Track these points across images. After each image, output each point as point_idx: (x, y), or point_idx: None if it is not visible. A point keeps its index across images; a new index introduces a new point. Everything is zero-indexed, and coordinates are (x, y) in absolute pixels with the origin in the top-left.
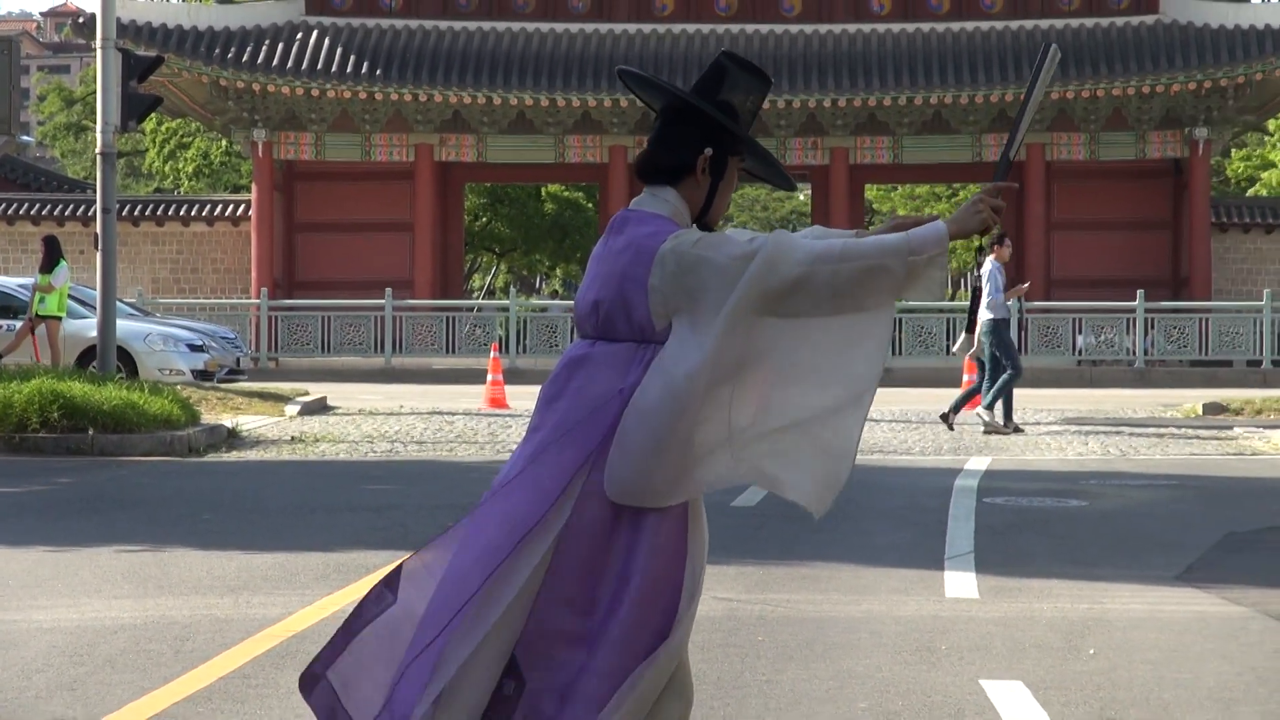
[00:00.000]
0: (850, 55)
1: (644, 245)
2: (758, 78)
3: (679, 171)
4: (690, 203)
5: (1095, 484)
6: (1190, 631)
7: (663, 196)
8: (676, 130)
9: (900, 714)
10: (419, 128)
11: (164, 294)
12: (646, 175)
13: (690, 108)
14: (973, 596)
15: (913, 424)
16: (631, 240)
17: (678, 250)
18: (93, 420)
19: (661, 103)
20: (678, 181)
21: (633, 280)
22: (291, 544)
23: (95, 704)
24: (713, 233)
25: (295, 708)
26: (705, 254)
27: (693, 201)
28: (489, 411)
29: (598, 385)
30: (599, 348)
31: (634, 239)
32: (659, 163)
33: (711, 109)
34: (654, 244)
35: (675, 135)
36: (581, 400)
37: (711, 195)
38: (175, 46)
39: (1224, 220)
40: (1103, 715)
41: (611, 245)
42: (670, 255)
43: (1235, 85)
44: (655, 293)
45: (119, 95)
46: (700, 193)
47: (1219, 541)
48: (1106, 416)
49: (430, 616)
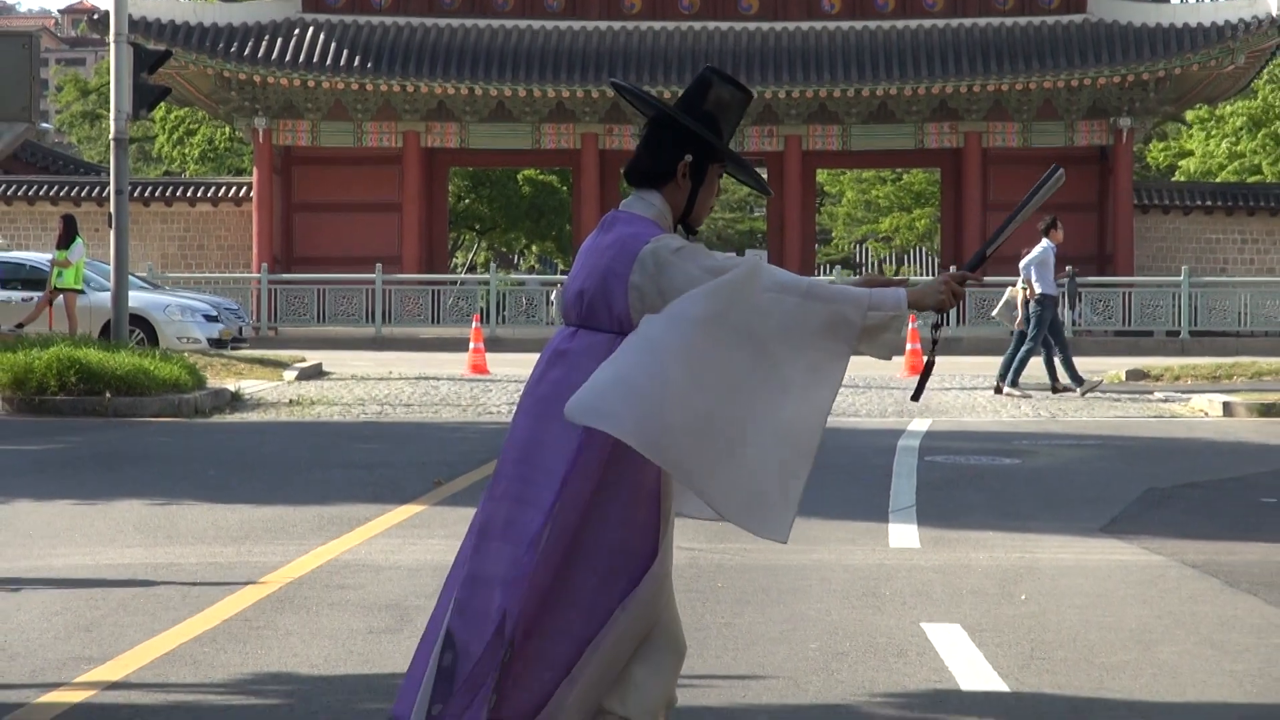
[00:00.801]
0: (803, 50)
1: (628, 244)
2: (740, 91)
3: (661, 176)
4: (673, 205)
5: (1027, 444)
6: (1113, 579)
7: (648, 199)
8: (660, 138)
9: (848, 654)
10: (407, 116)
11: (172, 269)
12: (633, 179)
13: (672, 118)
14: (914, 546)
15: (860, 389)
16: (618, 238)
17: (657, 253)
18: (107, 384)
19: (649, 113)
20: (661, 185)
21: (615, 275)
22: (289, 498)
23: (109, 644)
24: (694, 243)
25: (293, 647)
26: (682, 261)
27: (675, 204)
28: (471, 377)
29: (579, 375)
30: (580, 339)
31: (620, 237)
32: (643, 168)
33: (691, 121)
34: (637, 245)
35: (658, 143)
36: (558, 394)
37: (692, 199)
38: (183, 41)
39: (1145, 203)
40: (1033, 655)
41: (599, 242)
42: (650, 256)
43: (1156, 79)
44: (634, 289)
45: (130, 86)
46: (682, 196)
47: (1140, 496)
48: (1038, 382)
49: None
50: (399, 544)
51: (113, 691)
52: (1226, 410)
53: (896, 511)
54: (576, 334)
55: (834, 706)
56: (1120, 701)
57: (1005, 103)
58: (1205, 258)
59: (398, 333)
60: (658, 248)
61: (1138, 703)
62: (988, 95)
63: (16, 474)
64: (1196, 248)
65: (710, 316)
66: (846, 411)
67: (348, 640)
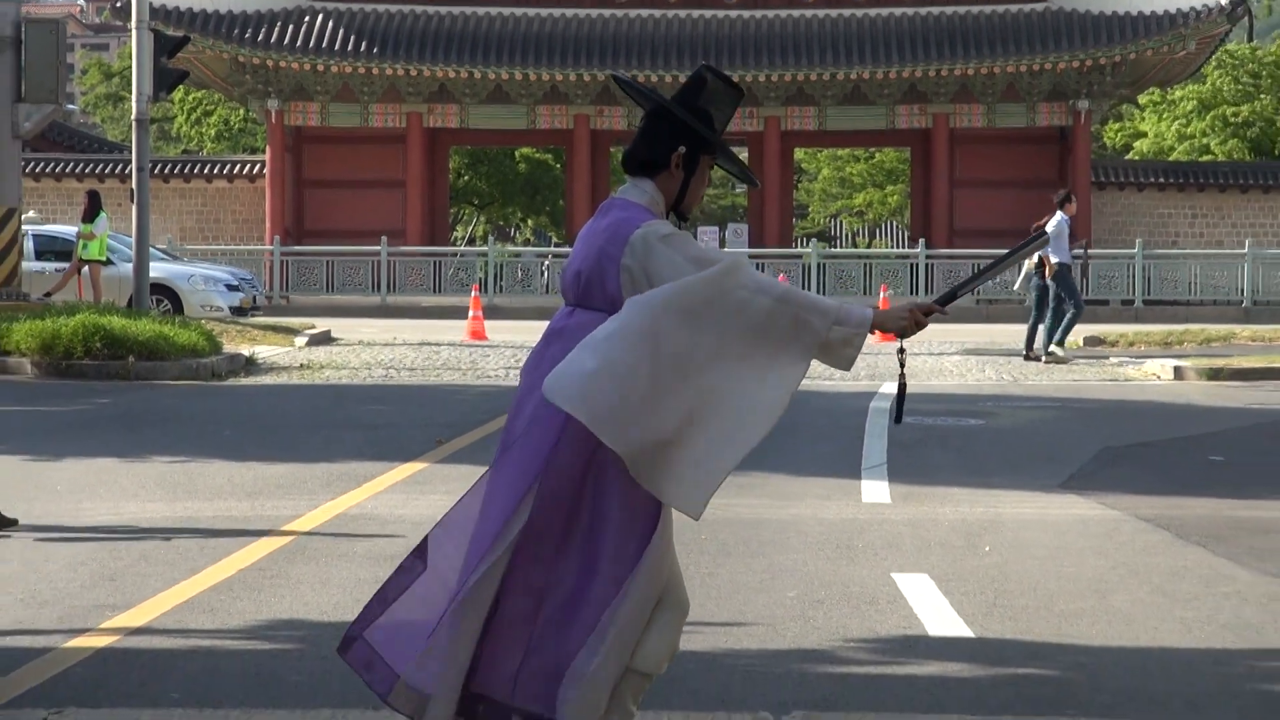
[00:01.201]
0: (782, 37)
1: (620, 229)
2: (732, 88)
3: (656, 165)
4: (666, 193)
5: (991, 405)
6: (1071, 532)
7: (642, 187)
8: (656, 129)
9: (824, 602)
10: (410, 98)
11: (190, 241)
12: (629, 167)
13: (669, 111)
14: (886, 502)
15: None
16: (611, 223)
17: (646, 238)
18: (130, 349)
19: (647, 106)
20: (655, 174)
21: (608, 257)
22: (301, 456)
23: (132, 592)
24: (681, 232)
25: (304, 596)
26: (668, 248)
27: (668, 192)
28: (470, 343)
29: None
30: (576, 317)
31: (614, 222)
32: (640, 157)
33: (686, 114)
34: (628, 229)
35: (655, 134)
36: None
37: (684, 187)
38: (200, 28)
39: (1102, 180)
40: (996, 603)
41: (596, 226)
42: (640, 241)
43: (1113, 64)
44: (625, 271)
45: (151, 70)
46: (674, 184)
47: (1096, 455)
48: (1001, 348)
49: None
50: (403, 499)
51: (135, 637)
52: (1177, 374)
53: (869, 469)
54: (574, 312)
55: (810, 651)
56: (1078, 646)
57: (971, 86)
58: (1158, 231)
59: (402, 301)
60: (647, 233)
61: (1094, 648)
62: (955, 79)
63: (45, 434)
64: (1150, 222)
65: (684, 307)
66: (822, 375)
67: (355, 589)
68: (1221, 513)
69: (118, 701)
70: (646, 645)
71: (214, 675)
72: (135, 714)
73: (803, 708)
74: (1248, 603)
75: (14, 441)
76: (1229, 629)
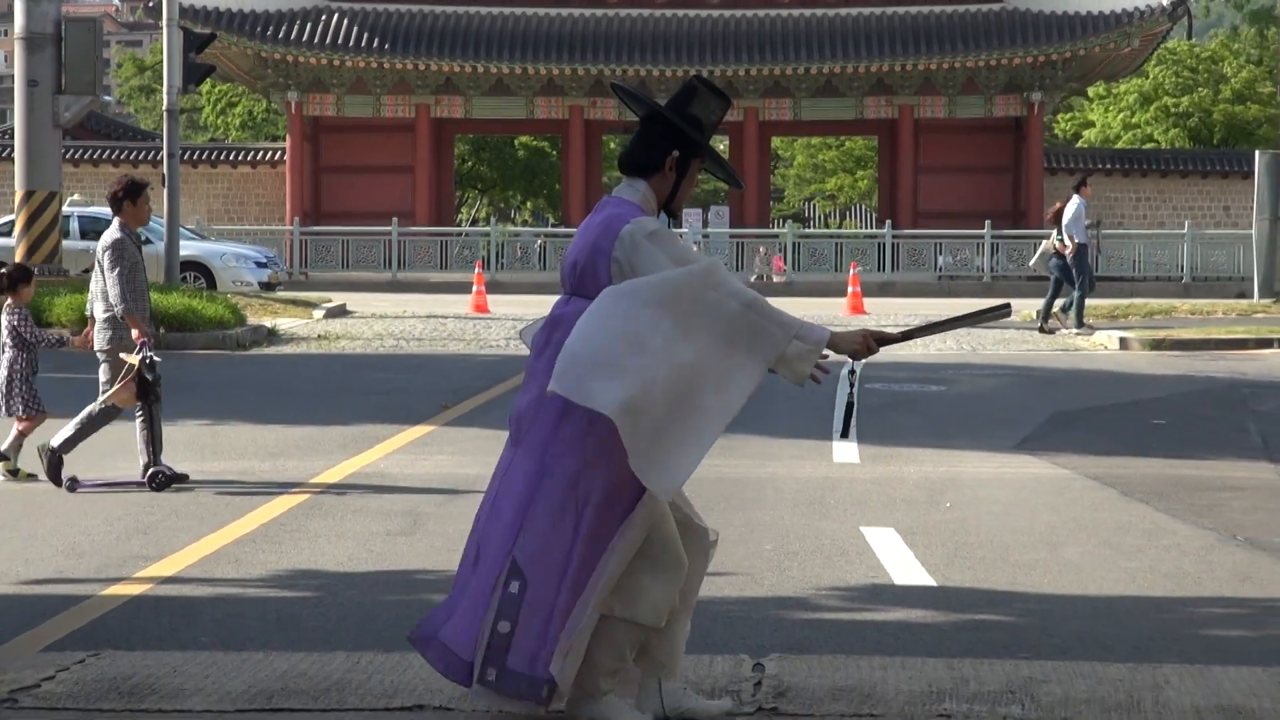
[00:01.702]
0: (760, 34)
1: (612, 224)
2: (720, 97)
3: (651, 168)
4: (658, 193)
5: (952, 373)
6: (1025, 489)
7: (636, 186)
8: (651, 134)
9: (798, 554)
10: (418, 90)
11: (216, 223)
12: (625, 169)
13: (664, 116)
14: (855, 462)
15: None
16: (605, 218)
17: (634, 234)
18: (161, 321)
19: (643, 112)
20: (649, 175)
21: (600, 251)
22: (318, 419)
23: (164, 544)
24: (667, 230)
25: (321, 548)
26: (653, 246)
27: (660, 192)
28: (474, 315)
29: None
30: (573, 304)
31: (607, 217)
32: (636, 159)
33: (681, 121)
34: (619, 224)
35: (649, 138)
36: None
37: (676, 188)
38: (225, 25)
39: (1054, 166)
40: (956, 555)
41: (592, 221)
42: (628, 236)
43: (1063, 59)
44: (615, 263)
45: (181, 64)
46: (667, 185)
47: (1048, 419)
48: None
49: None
50: (412, 459)
51: (166, 585)
52: (1123, 345)
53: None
54: (570, 300)
55: (786, 599)
56: (1031, 594)
57: (933, 79)
58: (1105, 213)
59: (411, 277)
60: (635, 229)
61: (1046, 595)
62: (918, 73)
63: (85, 398)
64: (1097, 205)
65: (658, 300)
66: None
67: (368, 541)
68: (1163, 472)
69: (150, 644)
70: (648, 600)
71: (238, 620)
72: (166, 656)
73: (779, 651)
74: (1186, 554)
75: (56, 406)
76: (1170, 578)
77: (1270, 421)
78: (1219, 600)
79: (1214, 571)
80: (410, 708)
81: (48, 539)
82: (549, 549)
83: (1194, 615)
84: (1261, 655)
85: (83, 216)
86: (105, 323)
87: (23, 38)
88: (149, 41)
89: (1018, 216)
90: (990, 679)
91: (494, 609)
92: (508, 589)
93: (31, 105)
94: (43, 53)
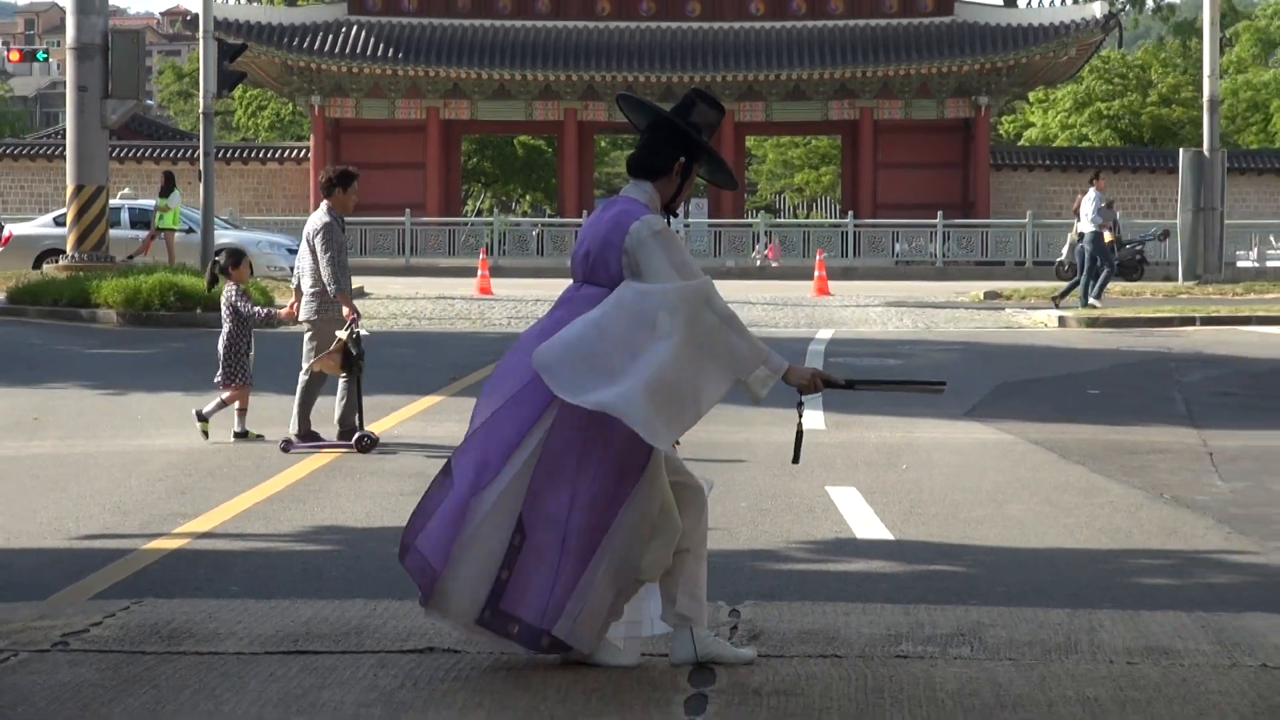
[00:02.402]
0: (736, 44)
1: (622, 219)
2: (715, 108)
3: (659, 171)
4: (662, 194)
5: (907, 349)
6: (974, 453)
7: (643, 187)
8: (657, 140)
9: (770, 511)
10: (429, 95)
11: (247, 214)
12: (635, 171)
13: (672, 125)
14: (821, 428)
15: (779, 306)
16: (615, 214)
17: (641, 231)
18: (198, 303)
19: (647, 120)
20: (656, 179)
21: (611, 244)
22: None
23: (200, 503)
24: (671, 231)
25: (342, 506)
26: (657, 246)
27: (664, 193)
28: (479, 297)
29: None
30: (584, 290)
31: (617, 213)
32: (646, 164)
33: (690, 129)
34: (629, 220)
35: (657, 144)
36: (557, 328)
37: (679, 190)
38: (256, 37)
39: (999, 162)
40: (912, 512)
41: (602, 217)
42: (636, 231)
43: (1008, 67)
44: (625, 253)
45: (215, 71)
46: (671, 188)
47: (994, 389)
48: (916, 301)
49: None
50: (423, 426)
51: (202, 540)
52: (1061, 323)
53: (806, 400)
54: (581, 287)
55: (759, 551)
56: (980, 547)
57: (891, 84)
58: (1045, 205)
59: (422, 263)
60: (643, 226)
61: (993, 548)
62: (878, 79)
63: (128, 372)
64: (1038, 197)
65: (652, 317)
66: (766, 324)
67: (384, 500)
68: (1098, 437)
69: (188, 593)
70: (647, 557)
71: (268, 571)
72: (202, 603)
73: (753, 598)
74: (1119, 511)
75: (103, 378)
76: (1104, 533)
77: (1193, 391)
78: (1148, 552)
79: (1143, 526)
80: (422, 650)
81: (96, 498)
82: (551, 509)
83: (1125, 565)
84: (1186, 601)
85: (133, 208)
86: (312, 296)
87: (74, 48)
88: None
89: (967, 208)
90: (943, 623)
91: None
92: (511, 542)
93: (81, 108)
94: (91, 61)
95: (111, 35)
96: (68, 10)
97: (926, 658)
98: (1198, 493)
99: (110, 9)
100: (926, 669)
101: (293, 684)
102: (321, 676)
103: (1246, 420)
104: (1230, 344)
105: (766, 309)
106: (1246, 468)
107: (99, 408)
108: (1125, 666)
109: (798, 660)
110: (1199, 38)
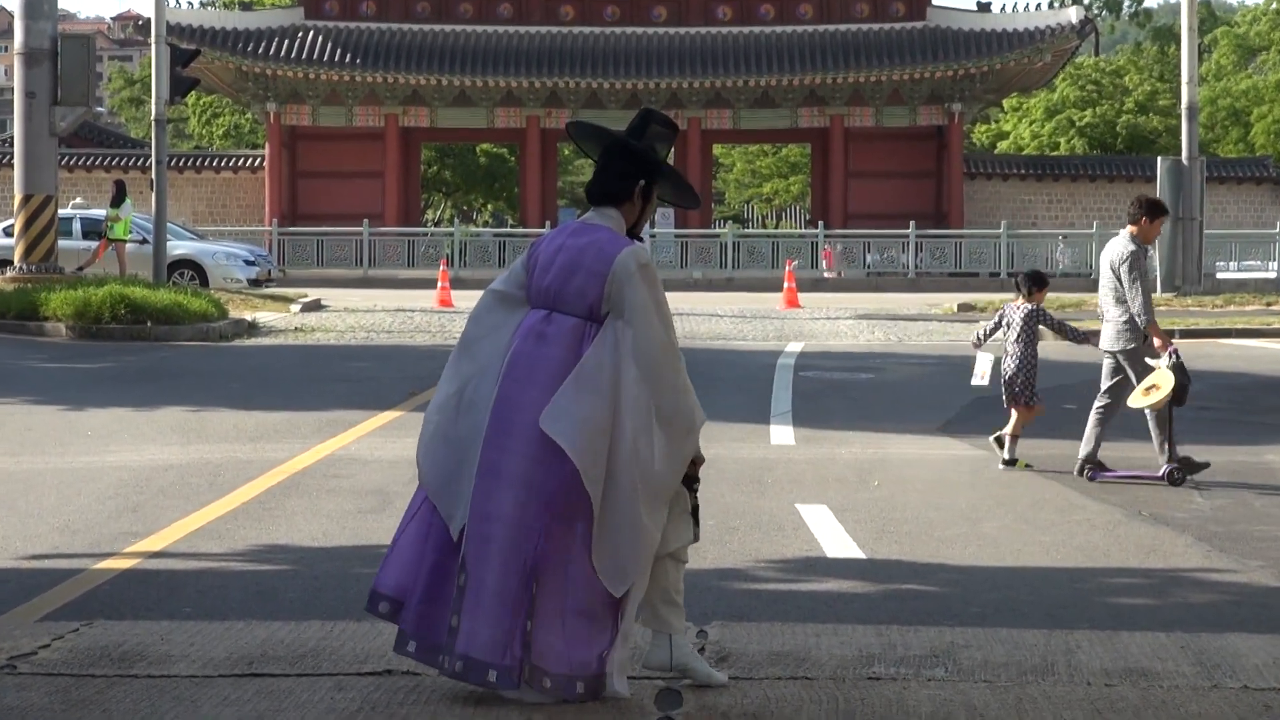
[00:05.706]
0: (702, 50)
1: (604, 248)
2: (669, 127)
3: (620, 197)
4: (627, 219)
5: (879, 362)
6: (948, 469)
7: (607, 214)
8: (614, 166)
9: (738, 529)
10: (387, 102)
11: (200, 224)
12: (596, 199)
13: (627, 147)
14: (790, 444)
15: (748, 318)
16: (593, 242)
17: (629, 263)
18: (149, 315)
19: (601, 146)
20: (619, 204)
21: (594, 273)
22: (295, 405)
23: (151, 521)
24: (653, 266)
25: (298, 525)
26: (642, 281)
27: (628, 218)
28: (439, 309)
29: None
30: (555, 323)
31: (595, 241)
32: (606, 189)
33: (646, 150)
34: (613, 249)
35: (614, 170)
36: (530, 363)
37: (640, 213)
38: (209, 42)
39: (973, 171)
40: (884, 530)
41: (574, 243)
42: (623, 262)
43: (981, 73)
44: (610, 282)
45: (168, 78)
46: (634, 212)
47: (969, 404)
48: (888, 313)
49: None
50: (382, 442)
51: (154, 560)
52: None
53: (776, 415)
54: (550, 316)
55: (728, 570)
56: (953, 566)
57: (862, 91)
58: (1020, 214)
59: (381, 274)
60: (629, 258)
61: (968, 567)
62: (848, 85)
63: (78, 386)
64: (1013, 206)
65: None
66: (735, 336)
67: (341, 519)
68: (1074, 452)
69: (139, 614)
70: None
71: (221, 592)
72: (154, 625)
73: (721, 619)
74: (1096, 529)
75: (52, 393)
76: (1080, 550)
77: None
78: (1126, 571)
79: (1121, 544)
80: (380, 673)
81: (43, 517)
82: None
83: (1103, 585)
84: (1164, 621)
85: (85, 218)
86: (1124, 325)
87: (22, 53)
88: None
89: (940, 218)
90: (916, 644)
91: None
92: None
93: (30, 115)
94: (40, 67)
95: (61, 40)
96: (16, 14)
97: (899, 680)
98: (1177, 510)
99: (60, 13)
100: (899, 691)
101: (247, 707)
102: (277, 700)
103: (1226, 435)
104: (1210, 357)
105: (735, 322)
106: (1226, 484)
107: (48, 423)
108: (1103, 689)
109: (767, 682)
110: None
